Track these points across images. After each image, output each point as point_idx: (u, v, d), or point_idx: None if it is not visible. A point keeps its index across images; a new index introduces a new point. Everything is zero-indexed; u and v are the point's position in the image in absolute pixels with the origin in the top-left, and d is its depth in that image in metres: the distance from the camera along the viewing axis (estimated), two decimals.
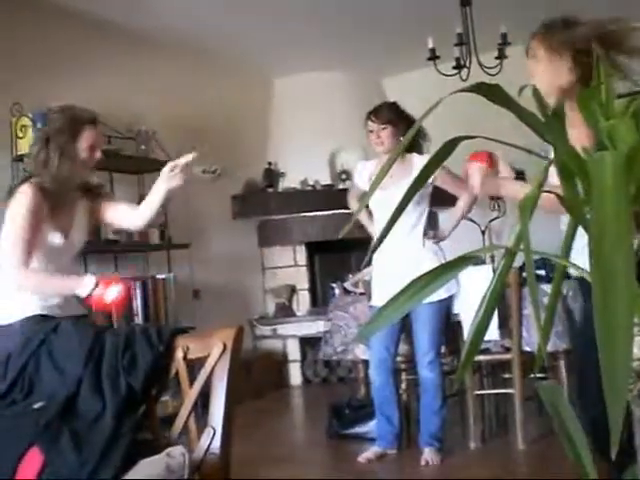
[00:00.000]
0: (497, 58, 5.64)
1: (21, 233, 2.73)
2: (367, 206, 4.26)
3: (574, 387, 2.48)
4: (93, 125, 3.07)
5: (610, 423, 0.83)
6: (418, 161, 4.04)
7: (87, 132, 3.02)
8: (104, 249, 5.97)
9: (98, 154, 3.03)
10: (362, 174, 4.42)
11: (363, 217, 4.44)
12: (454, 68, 5.63)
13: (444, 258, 4.17)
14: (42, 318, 2.62)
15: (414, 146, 4.16)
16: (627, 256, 0.88)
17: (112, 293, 2.62)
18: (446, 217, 2.89)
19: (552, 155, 1.20)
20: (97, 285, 2.64)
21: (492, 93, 1.11)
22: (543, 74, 2.48)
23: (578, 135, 1.28)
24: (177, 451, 1.51)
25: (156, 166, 5.99)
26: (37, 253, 2.79)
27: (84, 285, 2.65)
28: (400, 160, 3.98)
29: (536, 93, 1.21)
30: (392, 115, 4.23)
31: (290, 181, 7.72)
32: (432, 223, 4.07)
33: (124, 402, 1.62)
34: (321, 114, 7.64)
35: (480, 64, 5.51)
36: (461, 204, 4.30)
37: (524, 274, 4.11)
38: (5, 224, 2.80)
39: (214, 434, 1.57)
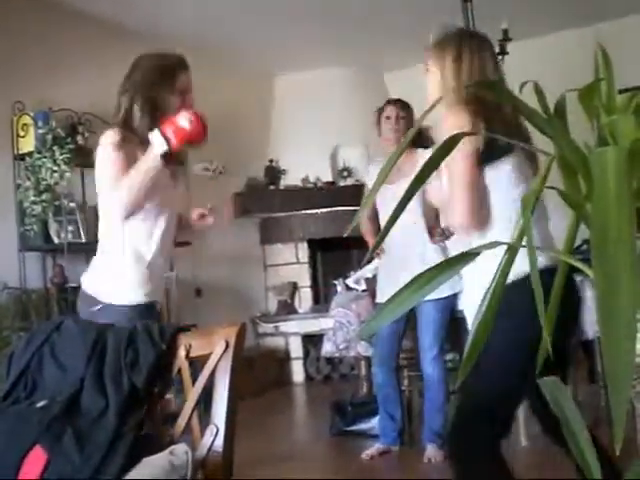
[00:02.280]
0: (498, 54, 5.63)
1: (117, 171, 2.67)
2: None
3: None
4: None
5: (614, 419, 0.83)
6: (425, 155, 4.04)
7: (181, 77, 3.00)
8: None
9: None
10: (373, 174, 4.39)
11: (365, 226, 4.44)
12: None
13: (449, 255, 4.17)
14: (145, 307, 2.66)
15: (421, 141, 4.16)
16: (629, 252, 0.88)
17: (183, 121, 2.59)
18: None
19: None
20: (164, 133, 2.57)
21: (494, 89, 1.11)
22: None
23: None
24: (180, 449, 1.51)
25: None
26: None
27: (156, 144, 2.58)
28: (407, 154, 3.97)
29: (537, 89, 1.20)
30: (408, 108, 4.38)
31: (292, 178, 7.72)
32: (438, 220, 4.07)
33: (127, 400, 1.62)
34: (322, 111, 7.63)
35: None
36: None
37: None
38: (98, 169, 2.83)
39: (217, 432, 1.57)
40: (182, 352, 1.70)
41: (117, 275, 2.68)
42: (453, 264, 1.24)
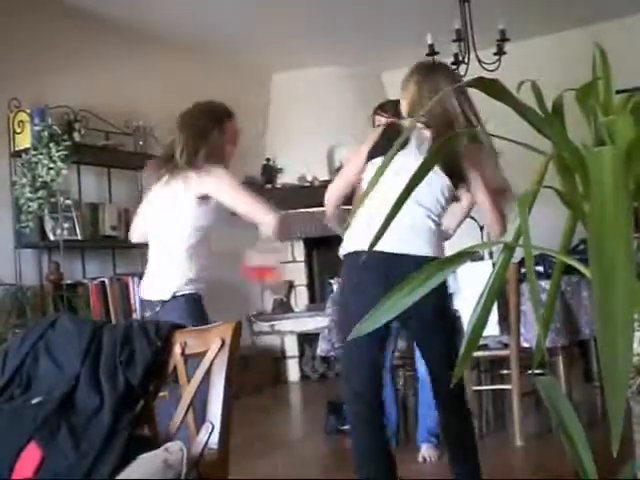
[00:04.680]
0: (496, 54, 5.64)
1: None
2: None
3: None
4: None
5: (611, 420, 0.83)
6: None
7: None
8: (102, 245, 5.96)
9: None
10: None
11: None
12: (453, 64, 5.61)
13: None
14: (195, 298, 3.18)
15: None
16: (626, 252, 0.88)
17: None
18: (447, 215, 2.91)
19: None
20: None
21: (491, 88, 1.11)
22: None
23: None
24: (175, 446, 1.51)
25: None
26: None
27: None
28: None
29: (535, 89, 1.20)
30: (399, 110, 4.28)
31: (288, 177, 7.72)
32: None
33: (122, 398, 1.62)
34: (319, 109, 7.63)
35: (479, 60, 5.51)
36: (464, 203, 4.28)
37: (522, 270, 4.10)
38: (228, 193, 3.22)
39: (212, 429, 1.57)
40: (178, 350, 1.70)
41: None
42: (446, 265, 1.24)
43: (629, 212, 0.93)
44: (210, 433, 1.56)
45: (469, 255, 1.25)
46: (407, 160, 2.21)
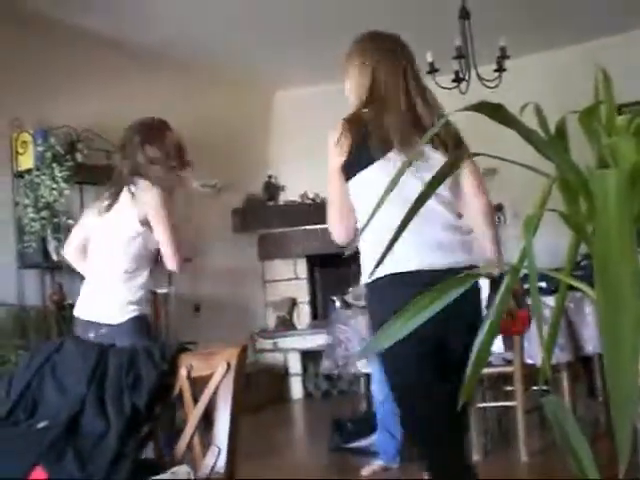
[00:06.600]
0: (496, 71, 5.66)
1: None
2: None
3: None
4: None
5: (617, 441, 0.83)
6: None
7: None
8: None
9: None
10: None
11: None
12: (453, 81, 5.64)
13: None
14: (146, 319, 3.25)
15: None
16: (632, 274, 0.88)
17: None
18: None
19: None
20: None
21: (495, 112, 1.11)
22: None
23: None
24: (182, 470, 1.51)
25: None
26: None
27: None
28: None
29: (538, 111, 1.21)
30: None
31: (290, 194, 7.73)
32: None
33: (128, 421, 1.62)
34: (321, 127, 7.62)
35: (479, 77, 5.53)
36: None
37: (526, 286, 4.10)
38: (154, 217, 3.23)
39: (219, 453, 1.57)
40: (183, 373, 1.70)
41: None
42: (455, 284, 1.24)
43: (633, 234, 0.93)
44: (217, 456, 1.56)
45: (477, 276, 1.24)
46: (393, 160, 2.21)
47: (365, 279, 2.53)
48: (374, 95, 2.67)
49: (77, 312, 3.40)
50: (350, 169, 2.58)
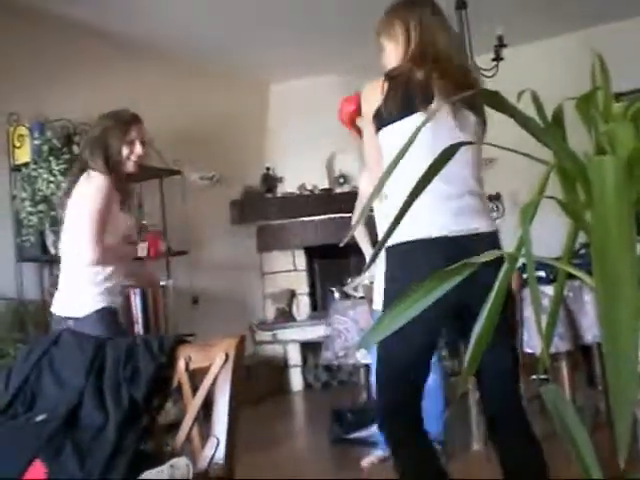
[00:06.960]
0: (493, 60, 5.65)
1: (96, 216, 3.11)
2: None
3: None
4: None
5: (617, 431, 0.82)
6: None
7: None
8: None
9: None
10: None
11: (360, 233, 4.43)
12: None
13: None
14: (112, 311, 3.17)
15: None
16: (630, 262, 0.88)
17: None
18: None
19: None
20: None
21: (492, 99, 1.10)
22: None
23: None
24: (181, 462, 1.51)
25: (153, 173, 6.01)
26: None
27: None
28: None
29: (535, 99, 1.20)
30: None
31: (288, 186, 7.73)
32: None
33: (126, 414, 1.61)
34: (318, 118, 7.63)
35: (477, 66, 5.52)
36: None
37: (524, 275, 4.10)
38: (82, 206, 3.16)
39: (218, 444, 1.56)
40: (182, 364, 1.69)
41: None
42: (457, 272, 1.23)
43: (632, 221, 0.93)
44: (216, 448, 1.56)
45: (474, 265, 1.23)
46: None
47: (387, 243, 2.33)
48: (415, 53, 2.60)
49: (52, 307, 3.41)
50: (384, 119, 2.46)
